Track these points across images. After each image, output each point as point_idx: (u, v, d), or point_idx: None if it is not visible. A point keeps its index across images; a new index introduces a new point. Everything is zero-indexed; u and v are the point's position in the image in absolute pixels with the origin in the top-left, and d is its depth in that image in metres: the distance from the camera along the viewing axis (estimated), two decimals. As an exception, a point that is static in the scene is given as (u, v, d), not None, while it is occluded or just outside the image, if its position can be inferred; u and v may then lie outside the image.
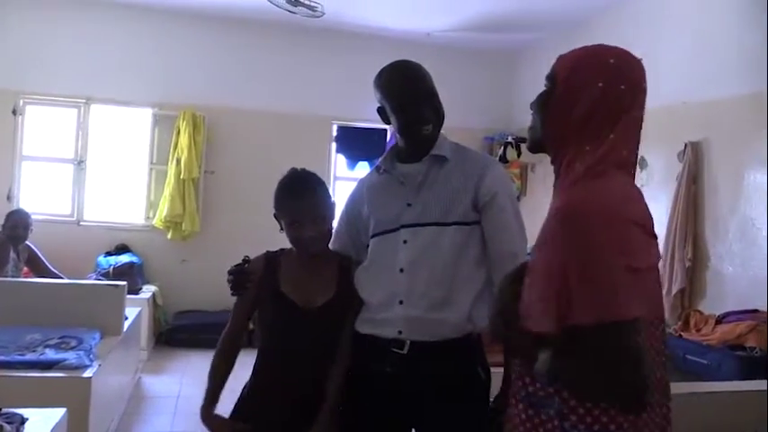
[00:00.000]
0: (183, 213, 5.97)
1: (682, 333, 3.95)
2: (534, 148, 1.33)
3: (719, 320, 3.86)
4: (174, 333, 5.77)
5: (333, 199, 1.92)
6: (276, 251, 1.95)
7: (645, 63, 1.27)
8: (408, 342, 1.72)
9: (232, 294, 1.91)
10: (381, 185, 1.89)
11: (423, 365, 1.72)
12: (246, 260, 1.92)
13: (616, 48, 1.27)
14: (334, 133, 6.74)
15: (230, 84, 6.30)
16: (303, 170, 1.92)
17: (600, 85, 1.19)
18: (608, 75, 1.21)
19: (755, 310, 3.73)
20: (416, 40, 6.36)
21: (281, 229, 1.88)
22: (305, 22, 6.11)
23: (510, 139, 6.43)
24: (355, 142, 6.75)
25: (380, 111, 1.86)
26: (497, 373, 1.82)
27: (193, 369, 5.06)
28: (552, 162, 1.29)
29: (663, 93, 4.43)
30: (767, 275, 3.68)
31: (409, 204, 1.79)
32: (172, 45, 6.22)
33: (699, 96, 4.37)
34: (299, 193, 1.85)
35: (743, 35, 4.12)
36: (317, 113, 6.54)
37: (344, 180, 6.66)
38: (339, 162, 6.82)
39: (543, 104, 1.27)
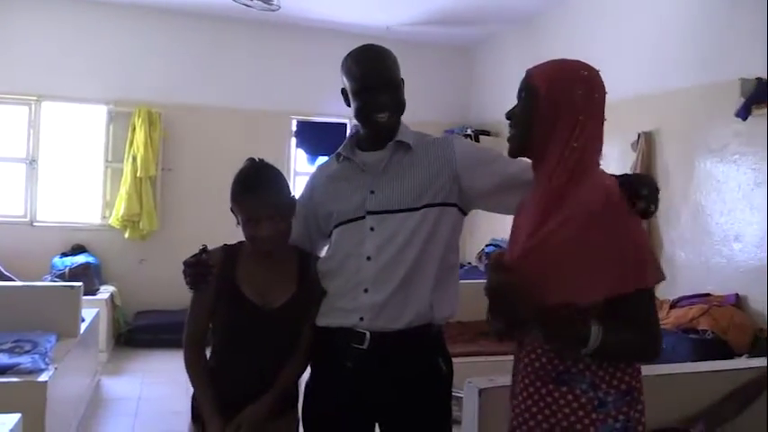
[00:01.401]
0: (140, 212, 5.87)
1: (638, 318, 4.05)
2: (517, 155, 1.48)
3: (673, 305, 3.98)
4: (134, 334, 5.67)
5: (293, 194, 1.83)
6: (234, 244, 1.83)
7: (599, 55, 1.41)
8: (369, 335, 1.69)
9: (190, 288, 1.78)
10: (342, 174, 1.83)
11: (384, 360, 1.70)
12: (204, 250, 1.80)
13: (578, 61, 1.44)
14: (294, 128, 6.71)
15: (187, 80, 6.21)
16: (261, 162, 1.82)
17: (579, 92, 1.37)
18: (584, 85, 1.39)
19: (707, 294, 3.86)
20: (376, 34, 6.34)
21: (238, 223, 1.78)
22: (262, 17, 6.05)
23: (469, 131, 6.50)
24: (315, 137, 6.72)
25: (343, 92, 1.82)
26: (458, 364, 1.83)
27: (154, 370, 5.00)
28: (536, 161, 1.44)
29: (617, 85, 4.48)
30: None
31: (372, 192, 1.75)
32: (126, 40, 6.09)
33: (651, 88, 4.48)
34: (256, 189, 1.74)
35: (693, 29, 4.23)
36: (276, 109, 6.50)
37: (304, 175, 6.60)
38: (299, 157, 6.79)
39: (527, 117, 1.40)
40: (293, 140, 6.71)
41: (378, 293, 1.70)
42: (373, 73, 1.74)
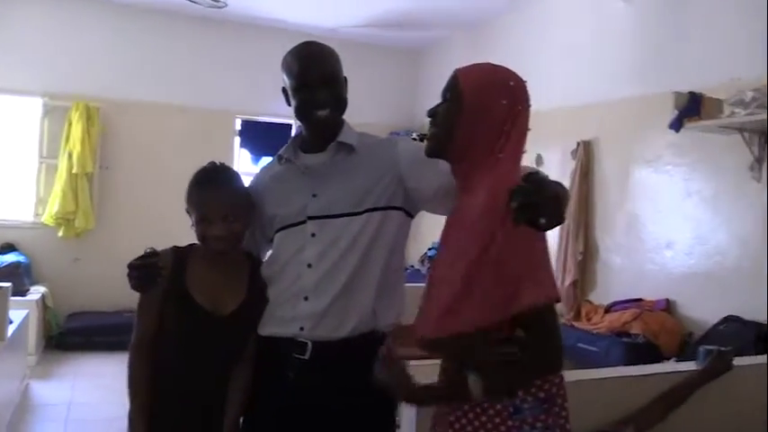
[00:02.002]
0: (75, 210, 5.67)
1: (573, 323, 4.17)
2: (434, 155, 1.46)
3: (608, 309, 4.11)
4: (66, 336, 5.46)
5: (251, 197, 1.77)
6: (185, 247, 1.76)
7: (542, 64, 1.43)
8: (310, 345, 1.64)
9: (138, 291, 1.69)
10: (283, 176, 1.78)
11: (326, 370, 1.65)
12: (153, 252, 1.71)
13: (508, 69, 1.42)
14: (238, 127, 6.62)
15: (128, 75, 6.02)
16: (221, 164, 1.78)
17: (504, 103, 1.35)
18: (510, 96, 1.37)
19: (639, 299, 4.00)
20: (323, 35, 6.29)
21: (193, 224, 1.71)
22: (208, 13, 5.96)
23: (414, 135, 6.53)
24: (260, 137, 6.66)
25: (284, 91, 1.76)
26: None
27: (87, 374, 4.83)
28: (455, 166, 1.42)
29: (559, 94, 4.65)
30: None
31: (314, 195, 1.69)
32: (64, 31, 5.85)
33: (591, 98, 4.61)
34: (210, 187, 1.70)
35: (631, 43, 4.39)
36: (220, 107, 6.39)
37: (249, 175, 6.41)
38: (243, 157, 6.70)
39: (449, 118, 1.38)
40: (237, 140, 6.62)
41: (318, 301, 1.65)
42: (313, 69, 1.69)
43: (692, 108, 3.44)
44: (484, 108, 1.35)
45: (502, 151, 1.34)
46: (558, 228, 1.41)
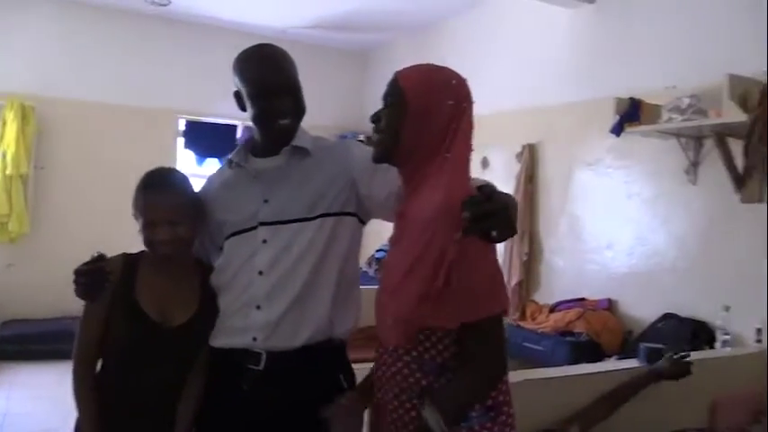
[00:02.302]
0: (9, 213, 5.42)
1: (519, 322, 4.24)
2: (381, 160, 1.44)
3: (552, 309, 4.20)
4: (1, 345, 5.17)
5: (200, 202, 1.71)
6: (135, 254, 1.69)
7: (487, 68, 1.43)
8: (264, 354, 1.59)
9: (84, 298, 1.63)
10: (234, 181, 1.72)
11: (282, 381, 1.59)
12: (101, 257, 1.65)
13: (448, 68, 1.42)
14: (181, 128, 6.48)
15: (66, 72, 5.80)
16: (168, 168, 1.74)
17: (450, 103, 1.35)
18: (455, 94, 1.36)
19: (582, 299, 4.10)
20: (271, 35, 6.24)
21: (140, 230, 1.67)
22: (151, 11, 5.82)
23: (362, 137, 6.55)
24: (204, 138, 6.52)
25: (237, 95, 1.69)
26: (359, 370, 1.74)
27: (23, 384, 4.63)
28: (402, 168, 1.41)
29: (503, 98, 4.73)
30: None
31: (266, 201, 1.64)
32: (-3, 27, 5.60)
33: (535, 102, 4.71)
34: (154, 191, 1.64)
35: (575, 49, 4.50)
36: (162, 107, 6.22)
37: (192, 177, 6.34)
38: (188, 158, 6.55)
39: (393, 122, 1.37)
40: (180, 140, 6.47)
41: (271, 311, 1.60)
42: (273, 76, 1.63)
43: (632, 113, 3.56)
44: (428, 109, 1.34)
45: (449, 150, 1.33)
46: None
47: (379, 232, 2.09)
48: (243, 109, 1.69)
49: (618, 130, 3.61)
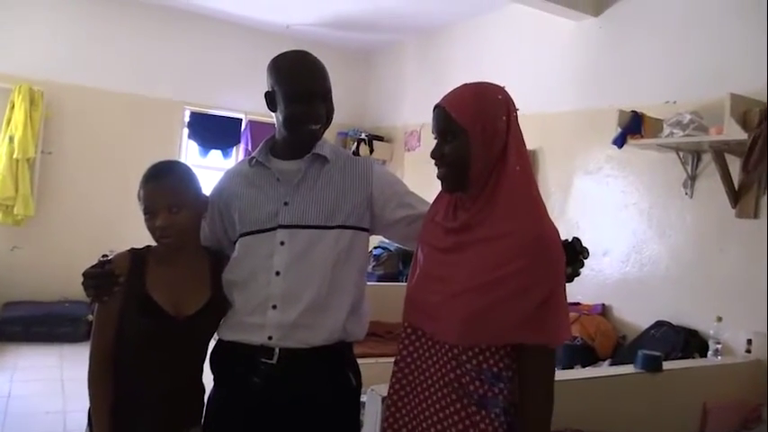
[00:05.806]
0: (15, 196, 5.46)
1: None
2: (456, 191, 1.48)
3: (548, 312, 4.29)
4: (4, 326, 5.25)
5: (202, 191, 1.74)
6: (142, 248, 1.73)
7: (490, 72, 1.51)
8: (278, 350, 1.64)
9: (95, 301, 1.67)
10: (255, 180, 1.75)
11: (293, 375, 1.64)
12: (106, 259, 1.67)
13: (487, 84, 1.46)
14: (187, 119, 6.52)
15: (74, 59, 5.84)
16: (171, 160, 1.79)
17: (504, 119, 1.40)
18: (505, 108, 1.42)
19: (577, 303, 4.21)
20: (275, 31, 6.33)
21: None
22: (161, 2, 5.86)
23: (363, 135, 6.62)
24: (208, 129, 6.56)
25: (269, 96, 1.74)
26: (365, 365, 1.83)
27: (26, 366, 4.70)
28: (473, 190, 1.43)
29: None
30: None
31: (286, 203, 1.68)
32: (9, 12, 5.61)
33: (537, 108, 4.79)
34: (154, 180, 1.67)
35: (578, 60, 4.60)
36: (168, 97, 6.27)
37: (196, 168, 6.41)
38: (191, 149, 6.59)
39: (461, 154, 1.40)
40: (185, 131, 6.52)
41: (287, 312, 1.64)
42: (312, 82, 1.70)
43: (633, 126, 3.65)
44: (487, 131, 1.38)
45: (518, 164, 1.40)
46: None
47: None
48: (272, 109, 1.75)
49: (620, 142, 3.70)
